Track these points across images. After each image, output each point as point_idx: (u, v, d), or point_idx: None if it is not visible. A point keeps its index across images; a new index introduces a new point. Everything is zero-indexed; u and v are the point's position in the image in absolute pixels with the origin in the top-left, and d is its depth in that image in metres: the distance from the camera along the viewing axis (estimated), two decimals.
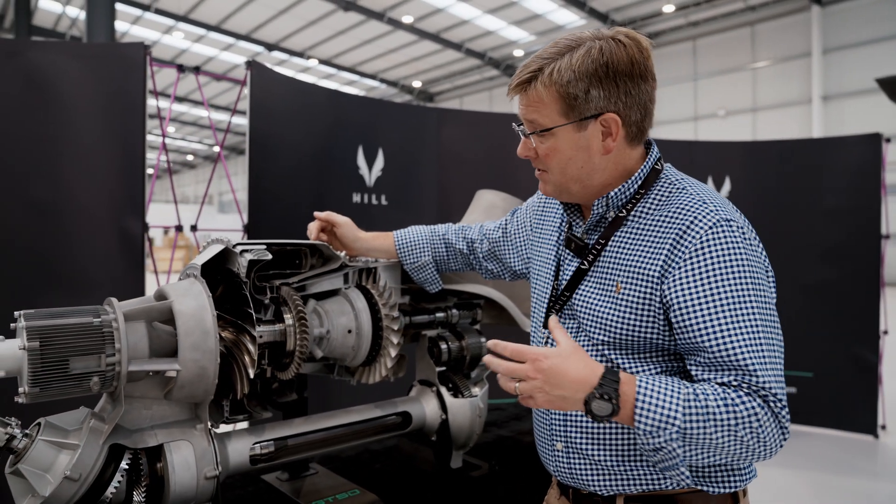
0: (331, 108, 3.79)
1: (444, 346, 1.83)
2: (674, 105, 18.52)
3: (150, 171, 3.73)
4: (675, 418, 1.06)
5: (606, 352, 1.24)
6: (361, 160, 3.96)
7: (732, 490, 1.22)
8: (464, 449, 1.89)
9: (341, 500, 1.61)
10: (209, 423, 1.38)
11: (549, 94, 1.20)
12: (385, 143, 4.03)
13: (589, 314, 1.27)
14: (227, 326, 1.42)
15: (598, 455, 1.25)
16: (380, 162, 4.04)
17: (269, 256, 1.44)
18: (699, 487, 1.21)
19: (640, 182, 1.27)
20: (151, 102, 2.98)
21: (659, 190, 1.27)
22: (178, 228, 3.30)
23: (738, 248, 1.13)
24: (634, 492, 1.24)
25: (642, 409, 1.06)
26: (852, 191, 4.98)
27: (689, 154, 5.41)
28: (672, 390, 1.08)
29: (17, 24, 14.38)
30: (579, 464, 1.29)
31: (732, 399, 1.06)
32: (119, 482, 1.23)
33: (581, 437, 1.28)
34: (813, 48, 15.98)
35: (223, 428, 1.54)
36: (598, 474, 1.26)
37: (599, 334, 1.25)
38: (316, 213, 1.71)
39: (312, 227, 1.71)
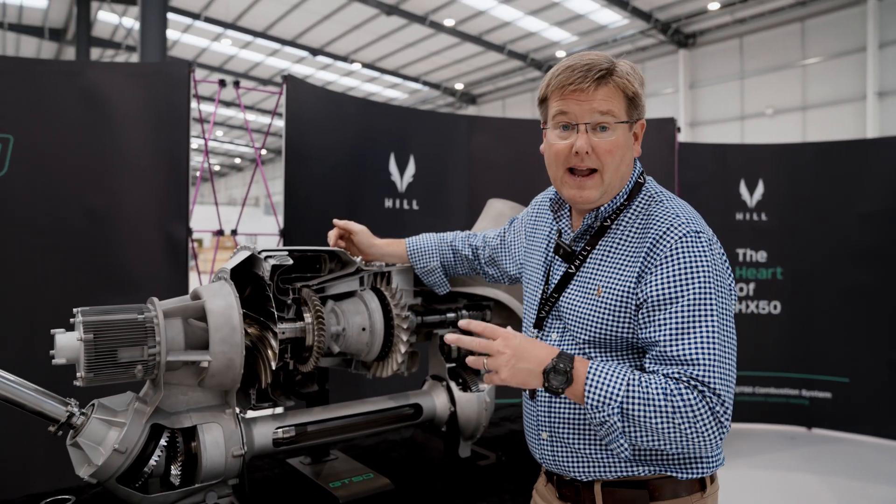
0: (363, 117, 3.98)
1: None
2: (719, 105, 18.14)
3: (198, 174, 4.00)
4: (617, 395, 1.20)
5: (588, 349, 1.38)
6: (393, 166, 4.14)
7: (699, 476, 1.34)
8: (472, 439, 2.04)
9: (356, 482, 1.78)
10: (237, 409, 1.57)
11: (621, 91, 1.32)
12: (416, 150, 4.20)
13: (573, 315, 1.40)
14: (253, 323, 1.61)
15: (579, 444, 1.39)
16: (411, 168, 4.21)
17: (290, 262, 1.62)
18: (668, 473, 1.33)
19: (626, 196, 1.40)
20: (201, 108, 3.20)
21: (639, 202, 1.40)
22: (220, 233, 3.54)
23: (704, 257, 1.26)
24: (611, 478, 1.37)
25: (591, 385, 1.22)
26: (891, 193, 4.89)
27: (721, 157, 5.39)
28: (618, 374, 1.23)
29: (78, 36, 15.22)
30: (562, 452, 1.42)
31: (671, 390, 1.18)
32: (158, 457, 1.43)
33: (564, 428, 1.41)
34: (868, 42, 15.43)
35: (252, 414, 1.73)
36: (578, 462, 1.39)
37: (582, 333, 1.38)
38: (335, 221, 1.88)
39: (331, 235, 1.89)
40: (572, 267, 1.43)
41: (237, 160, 40.97)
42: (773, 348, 5.26)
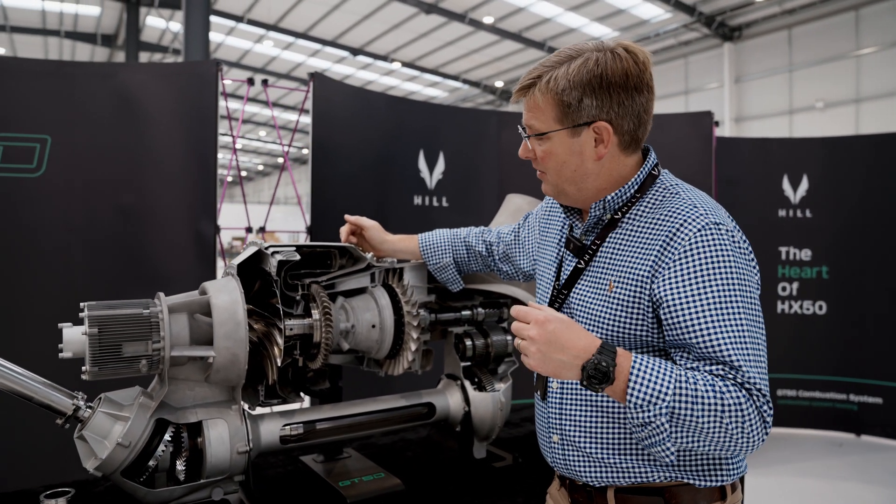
0: (391, 114, 3.97)
1: (468, 343, 1.93)
2: (766, 99, 17.54)
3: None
4: (665, 394, 1.10)
5: None
6: (423, 163, 4.11)
7: (720, 484, 1.26)
8: (487, 440, 1.99)
9: (366, 481, 1.76)
10: (245, 405, 1.56)
11: (546, 101, 1.29)
12: (446, 147, 4.17)
13: (584, 311, 1.34)
14: (260, 320, 1.60)
15: (590, 448, 1.33)
16: (441, 165, 4.17)
17: (297, 258, 1.60)
18: (686, 480, 1.25)
19: (636, 187, 1.34)
20: (233, 107, 3.23)
21: (653, 194, 1.33)
22: (248, 230, 3.58)
23: (726, 250, 1.18)
24: (625, 484, 1.30)
25: (635, 382, 1.11)
26: None
27: (763, 152, 5.20)
28: (665, 369, 1.13)
29: (127, 42, 15.76)
30: (573, 456, 1.36)
31: (720, 387, 1.10)
32: (163, 451, 1.43)
33: (574, 431, 1.35)
34: None
35: (261, 411, 1.72)
36: (590, 466, 1.33)
37: (592, 330, 1.31)
38: (346, 217, 1.86)
39: (343, 230, 1.87)
40: (582, 262, 1.37)
41: (280, 160, 41.73)
42: (818, 351, 5.03)
